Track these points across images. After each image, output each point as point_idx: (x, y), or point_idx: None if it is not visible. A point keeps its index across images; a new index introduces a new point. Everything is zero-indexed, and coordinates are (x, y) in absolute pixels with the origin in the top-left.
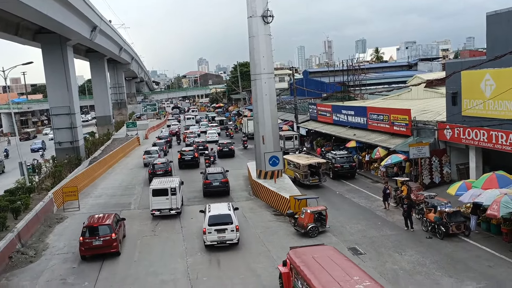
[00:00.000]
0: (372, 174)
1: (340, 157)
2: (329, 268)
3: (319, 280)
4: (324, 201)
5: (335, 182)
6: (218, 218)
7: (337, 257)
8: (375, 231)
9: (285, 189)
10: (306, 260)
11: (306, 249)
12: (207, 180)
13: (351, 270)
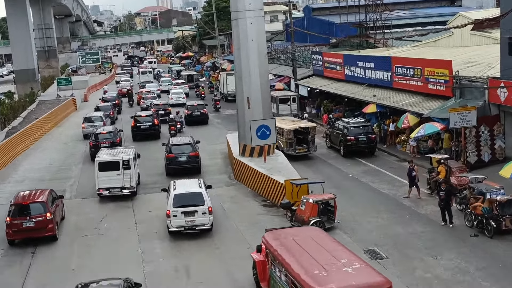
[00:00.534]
0: (398, 150)
1: (355, 126)
2: (312, 251)
3: (300, 264)
4: (332, 187)
5: (348, 161)
6: (185, 198)
7: (323, 238)
8: (401, 228)
9: (279, 170)
10: (285, 243)
11: (285, 230)
12: (171, 154)
13: (338, 252)
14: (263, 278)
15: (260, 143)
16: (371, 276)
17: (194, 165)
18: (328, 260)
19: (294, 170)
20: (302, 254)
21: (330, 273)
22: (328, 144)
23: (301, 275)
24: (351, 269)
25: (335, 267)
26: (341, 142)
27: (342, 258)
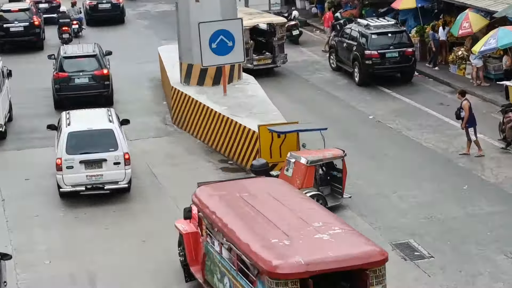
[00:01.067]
0: (452, 74)
1: (379, 33)
2: (269, 212)
3: (251, 231)
4: (340, 138)
5: (367, 92)
6: (86, 139)
7: (286, 193)
8: (455, 207)
9: (249, 109)
10: (229, 201)
11: (229, 183)
12: (63, 73)
13: (309, 213)
14: (194, 259)
15: (216, 62)
16: (357, 244)
17: (101, 91)
18: (294, 224)
19: (275, 108)
20: (253, 217)
21: (296, 241)
22: (333, 64)
23: (251, 246)
24: (328, 236)
25: (303, 233)
26: (355, 61)
27: (314, 221)
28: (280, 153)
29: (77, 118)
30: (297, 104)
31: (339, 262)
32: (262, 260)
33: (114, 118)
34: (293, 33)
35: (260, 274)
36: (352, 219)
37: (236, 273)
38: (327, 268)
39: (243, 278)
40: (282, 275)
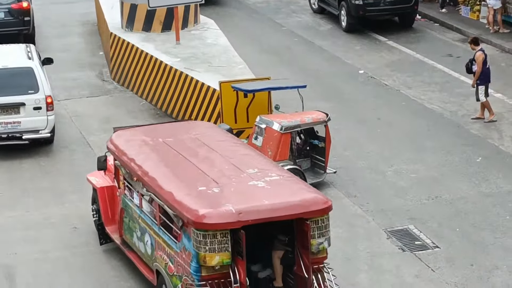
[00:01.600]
0: (462, 18)
1: None
2: (197, 158)
3: (175, 179)
4: (323, 98)
5: (357, 40)
6: (0, 78)
7: (217, 138)
8: (465, 184)
9: (209, 61)
10: (150, 147)
11: (151, 128)
12: None
13: (243, 158)
14: (110, 217)
15: (166, 3)
16: (296, 192)
17: (20, 29)
18: (225, 170)
19: (241, 60)
20: (179, 164)
21: (227, 189)
22: (314, 5)
23: (175, 194)
24: (263, 183)
25: (236, 180)
26: (342, 0)
27: (249, 168)
28: (247, 117)
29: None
30: (268, 55)
31: (275, 211)
32: (187, 209)
33: (34, 55)
34: None
35: (185, 226)
36: (338, 200)
37: (159, 228)
38: (261, 218)
39: (166, 233)
40: (210, 225)
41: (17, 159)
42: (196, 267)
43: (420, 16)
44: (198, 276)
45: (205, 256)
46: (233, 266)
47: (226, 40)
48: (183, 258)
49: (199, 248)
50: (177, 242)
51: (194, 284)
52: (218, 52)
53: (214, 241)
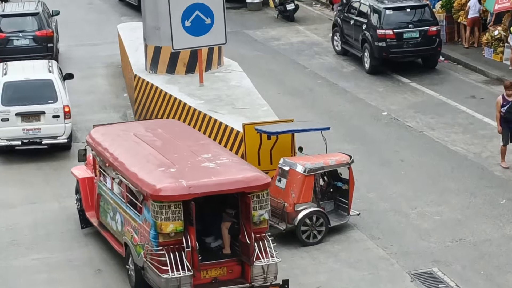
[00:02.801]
0: (485, 59)
1: (394, 7)
2: (160, 146)
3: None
4: (346, 141)
5: (380, 81)
6: (23, 89)
7: (181, 132)
8: (490, 226)
9: (232, 103)
10: (122, 138)
11: (125, 124)
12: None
13: (201, 147)
14: (89, 204)
15: (191, 45)
16: (240, 170)
17: (44, 55)
18: (183, 155)
19: (264, 102)
20: (144, 151)
21: (182, 169)
22: (337, 47)
23: (138, 174)
24: (214, 164)
25: (191, 162)
26: (365, 43)
27: (204, 153)
28: (270, 159)
29: (14, 68)
30: (292, 97)
31: (221, 185)
32: (146, 184)
33: (54, 69)
34: (287, 7)
35: (146, 200)
36: (361, 242)
37: (126, 205)
38: (209, 191)
39: (132, 209)
40: (165, 197)
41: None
42: (154, 234)
43: (443, 58)
44: (156, 242)
45: (161, 225)
46: (185, 233)
47: (250, 82)
48: (144, 228)
49: (156, 218)
50: (140, 215)
51: (153, 250)
52: (241, 94)
53: (168, 211)
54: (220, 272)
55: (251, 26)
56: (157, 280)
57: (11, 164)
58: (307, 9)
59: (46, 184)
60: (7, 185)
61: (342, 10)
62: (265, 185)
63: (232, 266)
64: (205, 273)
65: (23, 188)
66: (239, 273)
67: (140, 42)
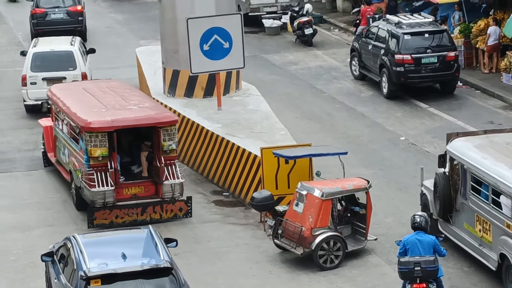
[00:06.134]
0: (505, 84)
1: (413, 33)
2: (100, 96)
3: (80, 106)
4: (363, 165)
5: (398, 106)
6: (49, 58)
7: (122, 88)
8: None
9: (250, 127)
10: (73, 91)
11: (77, 82)
12: (39, 9)
13: (133, 97)
14: (49, 145)
15: (209, 68)
16: (155, 111)
17: (75, 26)
18: (115, 102)
19: (282, 126)
20: (87, 99)
21: (111, 110)
22: (355, 71)
23: (77, 113)
24: (137, 107)
25: (119, 106)
26: (383, 68)
27: (132, 101)
28: (288, 184)
29: (43, 42)
30: (309, 121)
31: (137, 120)
32: (81, 120)
33: (76, 43)
34: (305, 31)
35: (81, 132)
36: (378, 267)
37: (70, 140)
38: (127, 124)
39: (73, 141)
40: (93, 128)
41: (57, 225)
42: (86, 158)
43: (461, 83)
44: (88, 164)
45: (91, 150)
46: (110, 158)
47: (268, 106)
48: (80, 155)
49: (87, 145)
50: (78, 144)
51: (86, 171)
52: (259, 118)
53: (96, 140)
54: (138, 190)
55: (269, 50)
56: (88, 194)
57: (29, 187)
58: (325, 33)
59: (64, 207)
60: (25, 207)
61: (360, 35)
62: (172, 121)
63: (148, 185)
64: (126, 190)
65: (40, 211)
66: (154, 191)
67: (159, 66)
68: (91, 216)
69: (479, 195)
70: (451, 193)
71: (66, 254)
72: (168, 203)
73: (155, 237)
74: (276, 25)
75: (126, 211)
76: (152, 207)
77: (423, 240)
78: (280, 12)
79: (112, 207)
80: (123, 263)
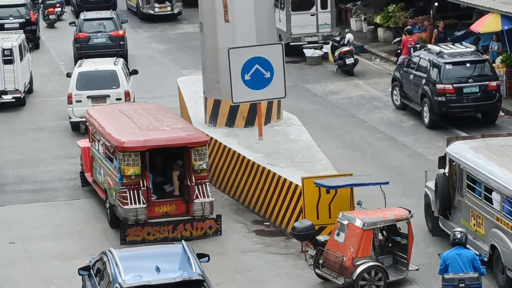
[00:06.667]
0: None
1: (455, 63)
2: (135, 118)
3: (115, 127)
4: (405, 195)
5: (439, 134)
6: (93, 78)
7: (156, 109)
8: None
9: (291, 156)
10: (109, 113)
11: (114, 105)
12: (83, 34)
13: (167, 119)
14: (87, 166)
15: (250, 98)
16: (186, 131)
17: (117, 50)
18: (149, 123)
19: (323, 156)
20: (122, 120)
21: (144, 131)
22: (397, 101)
23: (112, 133)
24: (170, 128)
25: (152, 127)
26: (425, 97)
27: (165, 122)
28: (329, 213)
29: (88, 62)
30: (351, 151)
31: (168, 140)
32: (115, 139)
33: (119, 63)
34: (346, 61)
35: (115, 152)
36: None
37: (105, 159)
38: (159, 144)
39: (108, 161)
40: (127, 148)
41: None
42: (120, 177)
43: (503, 113)
44: (121, 183)
45: (124, 169)
46: (142, 176)
47: (309, 135)
48: (114, 174)
49: (121, 164)
50: (112, 164)
51: (119, 189)
52: (300, 147)
53: (129, 159)
54: (170, 208)
55: (310, 80)
56: (121, 211)
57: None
58: (366, 63)
59: (105, 237)
60: (66, 236)
61: (401, 65)
62: (203, 142)
63: (179, 204)
64: (158, 208)
65: (82, 240)
66: (185, 209)
67: (200, 95)
68: (124, 233)
69: (473, 192)
70: (450, 191)
71: (102, 268)
72: (198, 221)
73: (188, 251)
74: (317, 54)
75: (157, 228)
76: (183, 224)
77: (462, 255)
78: (321, 42)
79: (144, 224)
80: (157, 276)
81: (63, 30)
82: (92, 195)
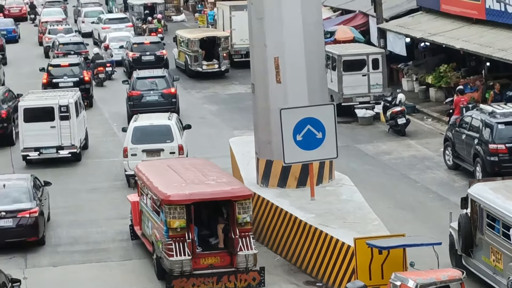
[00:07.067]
0: None
1: (507, 122)
2: (182, 172)
3: (162, 181)
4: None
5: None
6: (148, 132)
7: (203, 164)
8: None
9: (344, 217)
10: (157, 168)
11: (163, 160)
12: (136, 92)
13: (212, 173)
14: (136, 219)
15: (302, 159)
16: (230, 185)
17: (169, 107)
18: (195, 177)
19: (375, 216)
20: (169, 175)
21: (190, 185)
22: (449, 161)
23: (159, 187)
24: (214, 182)
25: (198, 181)
26: (477, 157)
27: (211, 176)
28: (382, 274)
29: (143, 117)
30: (403, 211)
31: (212, 194)
32: (161, 193)
33: (173, 118)
34: (398, 121)
35: (161, 205)
36: None
37: (153, 213)
38: (204, 198)
39: (155, 214)
40: (172, 201)
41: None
42: (165, 229)
43: None
44: (167, 235)
45: (170, 222)
46: (187, 229)
47: (361, 196)
48: (160, 226)
49: (167, 217)
50: (159, 216)
51: (165, 241)
52: (352, 208)
53: (175, 212)
54: (214, 260)
55: (362, 140)
56: (167, 263)
57: (122, 277)
58: (418, 123)
59: None
60: None
61: (453, 125)
62: (246, 196)
63: (223, 256)
64: (203, 260)
65: None
66: (229, 261)
67: (252, 156)
68: (169, 284)
69: (493, 230)
70: (472, 230)
71: None
72: (242, 273)
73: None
74: (369, 115)
75: (202, 279)
76: (227, 276)
77: None
78: (373, 102)
79: (189, 276)
80: None
81: (114, 89)
82: (144, 256)
